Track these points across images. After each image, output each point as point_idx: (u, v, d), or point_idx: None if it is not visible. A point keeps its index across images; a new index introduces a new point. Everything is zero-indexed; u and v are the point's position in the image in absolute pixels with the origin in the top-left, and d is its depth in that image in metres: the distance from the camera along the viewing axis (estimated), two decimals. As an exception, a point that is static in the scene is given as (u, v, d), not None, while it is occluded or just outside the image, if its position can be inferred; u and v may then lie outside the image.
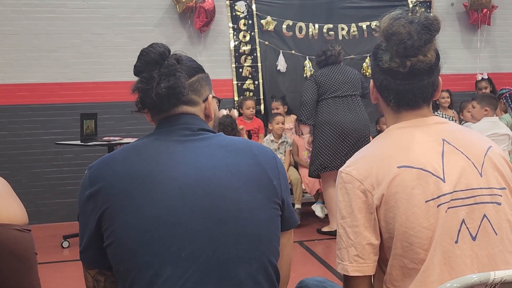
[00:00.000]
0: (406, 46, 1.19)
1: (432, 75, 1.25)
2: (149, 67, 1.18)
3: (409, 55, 1.20)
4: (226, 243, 1.09)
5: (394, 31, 1.20)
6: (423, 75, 1.23)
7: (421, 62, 1.20)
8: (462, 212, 1.15)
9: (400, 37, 1.19)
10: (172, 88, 1.17)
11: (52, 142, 4.94)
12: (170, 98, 1.19)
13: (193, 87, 1.25)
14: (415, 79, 1.23)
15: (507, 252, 1.17)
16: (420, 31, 1.19)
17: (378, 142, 1.30)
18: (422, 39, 1.19)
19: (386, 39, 1.22)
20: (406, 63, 1.20)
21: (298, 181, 4.90)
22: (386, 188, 1.16)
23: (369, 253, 1.19)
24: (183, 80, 1.19)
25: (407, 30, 1.19)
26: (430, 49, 1.22)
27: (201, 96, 1.28)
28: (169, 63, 1.18)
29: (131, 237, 1.07)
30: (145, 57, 1.19)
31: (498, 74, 6.05)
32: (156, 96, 1.16)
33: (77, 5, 5.31)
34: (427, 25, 1.20)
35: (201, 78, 1.29)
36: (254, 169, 1.17)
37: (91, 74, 5.31)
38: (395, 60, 1.21)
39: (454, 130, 1.28)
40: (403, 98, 1.26)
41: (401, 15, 1.22)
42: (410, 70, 1.21)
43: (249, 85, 5.71)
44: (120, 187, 1.10)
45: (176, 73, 1.18)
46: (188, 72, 1.24)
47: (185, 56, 1.27)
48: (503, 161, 1.26)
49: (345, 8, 5.85)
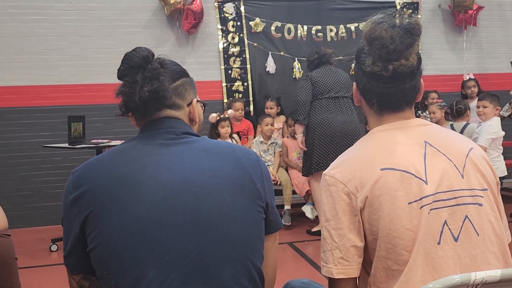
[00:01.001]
0: (388, 50, 1.20)
1: (414, 78, 1.27)
2: (133, 71, 1.18)
3: (392, 59, 1.21)
4: (209, 245, 1.09)
5: (376, 36, 1.21)
6: (405, 79, 1.25)
7: (403, 66, 1.22)
8: (444, 214, 1.16)
9: (382, 41, 1.20)
10: (155, 92, 1.17)
11: (40, 145, 4.90)
12: (154, 102, 1.19)
13: (177, 91, 1.26)
14: (398, 83, 1.25)
15: (489, 253, 1.18)
16: (402, 35, 1.20)
17: (361, 144, 1.31)
18: (404, 43, 1.20)
19: (368, 43, 1.23)
20: (389, 67, 1.21)
21: (287, 182, 4.91)
22: (369, 191, 1.17)
23: (354, 255, 1.20)
24: (167, 84, 1.20)
25: (390, 35, 1.20)
26: (412, 53, 1.23)
27: (185, 100, 1.28)
28: (152, 67, 1.19)
29: (115, 240, 1.06)
30: (129, 61, 1.19)
31: (484, 75, 6.11)
32: (139, 100, 1.17)
33: (64, 7, 5.28)
34: (409, 29, 1.21)
35: (185, 82, 1.29)
36: (237, 172, 1.18)
37: (79, 76, 5.28)
38: (378, 64, 1.23)
39: (436, 132, 1.29)
40: (386, 101, 1.27)
41: (383, 19, 1.23)
42: (392, 74, 1.22)
43: (238, 87, 5.72)
44: (104, 190, 1.10)
45: (159, 77, 1.18)
46: (172, 76, 1.25)
47: (169, 60, 1.28)
48: (485, 162, 1.27)
49: (334, 10, 5.88)
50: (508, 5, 6.35)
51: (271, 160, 5.13)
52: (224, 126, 4.86)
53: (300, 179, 4.91)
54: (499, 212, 1.26)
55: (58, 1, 5.26)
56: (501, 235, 1.21)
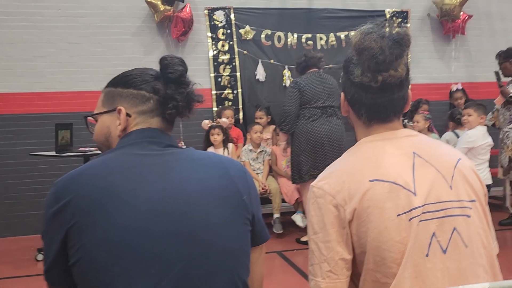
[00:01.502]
0: (377, 61, 1.19)
1: (403, 89, 1.26)
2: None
3: (381, 70, 1.20)
4: (195, 258, 1.07)
5: (366, 46, 1.20)
6: (394, 89, 1.24)
7: (392, 76, 1.21)
8: (432, 225, 1.15)
9: (371, 52, 1.19)
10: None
11: (27, 153, 4.84)
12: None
13: None
14: (387, 93, 1.24)
15: (477, 265, 1.17)
16: (391, 46, 1.19)
17: (349, 155, 1.29)
18: (394, 54, 1.20)
19: (357, 53, 1.22)
20: (378, 77, 1.20)
21: (277, 191, 4.89)
22: (358, 202, 1.16)
23: (342, 268, 1.18)
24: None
25: (379, 45, 1.19)
26: (401, 63, 1.22)
27: None
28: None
29: (99, 252, 1.04)
30: (178, 71, 1.27)
31: (473, 84, 6.16)
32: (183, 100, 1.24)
33: (53, 13, 5.25)
34: (398, 40, 1.20)
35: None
36: (224, 183, 1.16)
37: (67, 83, 5.24)
38: (367, 74, 1.21)
39: (424, 143, 1.28)
40: (375, 112, 1.26)
41: (372, 30, 1.22)
42: (381, 84, 1.21)
43: (228, 95, 5.70)
44: (88, 202, 1.07)
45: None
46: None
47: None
48: (473, 174, 1.27)
49: (324, 18, 5.90)
50: (496, 14, 6.42)
51: (260, 168, 5.12)
52: (214, 134, 4.83)
53: (290, 188, 4.89)
54: (487, 223, 1.25)
55: (46, 8, 5.23)
56: (489, 247, 1.21)
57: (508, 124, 4.90)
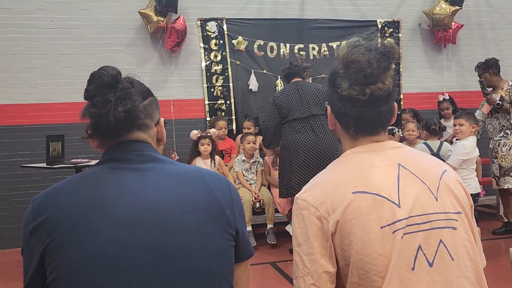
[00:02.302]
0: (365, 74, 1.18)
1: (390, 102, 1.26)
2: (103, 91, 1.13)
3: (369, 83, 1.19)
4: (174, 277, 1.05)
5: (353, 59, 1.19)
6: (381, 102, 1.23)
7: (380, 89, 1.20)
8: (418, 238, 1.13)
9: (359, 65, 1.18)
10: (130, 112, 1.13)
11: (18, 165, 4.82)
12: (127, 123, 1.15)
13: (146, 111, 1.22)
14: (374, 106, 1.23)
15: (464, 278, 1.15)
16: (379, 59, 1.19)
17: (334, 167, 1.28)
18: (381, 67, 1.19)
19: (345, 67, 1.21)
20: (366, 91, 1.20)
21: (270, 201, 4.88)
22: (341, 215, 1.14)
23: (326, 281, 1.16)
24: (139, 104, 1.16)
25: (367, 58, 1.18)
26: (388, 76, 1.22)
27: (153, 119, 1.25)
28: (123, 86, 1.14)
29: (74, 273, 1.02)
30: (98, 80, 1.14)
31: (464, 93, 6.19)
32: (115, 120, 1.12)
33: (45, 25, 5.25)
34: (385, 53, 1.20)
35: (152, 101, 1.25)
36: (205, 198, 1.14)
37: (59, 95, 5.23)
38: (355, 88, 1.21)
39: (410, 155, 1.27)
40: (362, 125, 1.25)
41: (359, 43, 1.22)
42: (369, 97, 1.21)
43: (221, 105, 5.70)
44: (64, 219, 1.05)
45: (132, 97, 1.14)
46: (142, 95, 1.21)
47: (135, 79, 1.23)
48: (458, 185, 1.26)
49: (316, 29, 5.93)
50: (487, 23, 6.47)
51: (253, 178, 5.10)
52: (204, 144, 4.80)
53: (283, 198, 4.87)
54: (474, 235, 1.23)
55: (38, 20, 5.23)
56: (475, 259, 1.19)
57: (499, 133, 4.95)
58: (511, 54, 6.44)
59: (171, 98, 5.51)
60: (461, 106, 5.67)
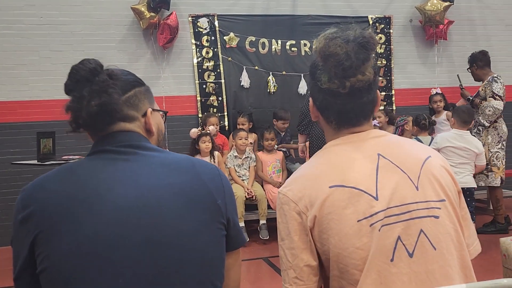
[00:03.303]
0: (344, 67, 1.16)
1: (371, 92, 1.23)
2: (80, 85, 1.13)
3: (348, 75, 1.17)
4: (166, 267, 1.04)
5: (331, 52, 1.16)
6: (362, 93, 1.21)
7: (360, 81, 1.18)
8: (397, 229, 1.12)
9: (337, 58, 1.16)
10: (104, 105, 1.12)
11: (9, 162, 4.79)
12: (103, 116, 1.14)
13: (130, 102, 1.20)
14: (355, 98, 1.21)
15: (448, 267, 1.14)
16: (357, 51, 1.16)
17: (314, 160, 1.27)
18: (360, 58, 1.16)
19: (323, 60, 1.19)
20: (346, 83, 1.17)
21: (262, 197, 4.88)
22: (318, 210, 1.14)
23: (308, 274, 1.16)
24: (116, 96, 1.14)
25: (344, 51, 1.15)
26: (368, 67, 1.18)
27: (139, 110, 1.23)
28: (100, 80, 1.13)
29: (65, 263, 1.01)
30: (75, 74, 1.13)
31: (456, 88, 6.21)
32: (88, 115, 1.11)
33: (35, 21, 5.21)
34: (363, 44, 1.17)
35: (139, 92, 1.23)
36: (196, 188, 1.13)
37: (50, 92, 5.19)
38: (334, 81, 1.18)
39: (391, 143, 1.25)
40: (344, 118, 1.24)
41: (337, 34, 1.18)
42: (349, 90, 1.18)
43: (213, 101, 5.69)
44: (53, 210, 1.04)
45: (108, 90, 1.12)
46: (123, 87, 1.19)
47: (119, 70, 1.22)
48: (444, 171, 1.23)
49: (307, 25, 5.93)
50: (478, 19, 6.50)
51: (246, 174, 5.10)
52: (205, 141, 4.83)
53: (275, 194, 4.88)
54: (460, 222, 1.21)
55: (28, 16, 5.19)
56: (460, 247, 1.17)
57: (473, 129, 4.87)
58: (501, 50, 6.48)
59: (163, 94, 5.50)
60: (452, 101, 5.69)
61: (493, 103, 4.67)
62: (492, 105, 4.68)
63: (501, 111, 4.72)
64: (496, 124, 4.80)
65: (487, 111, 4.71)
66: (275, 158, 5.19)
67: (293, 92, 5.87)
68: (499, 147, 4.80)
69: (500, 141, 4.81)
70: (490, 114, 4.70)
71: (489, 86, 4.75)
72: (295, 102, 5.78)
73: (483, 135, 4.81)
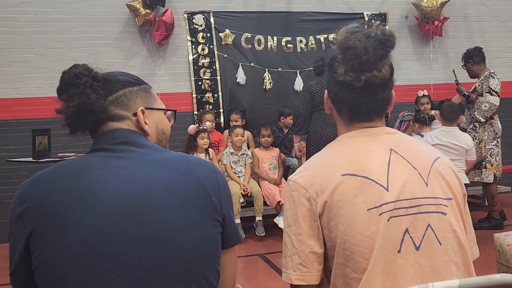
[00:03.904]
0: (361, 61, 1.19)
1: (386, 90, 1.26)
2: (66, 89, 1.19)
3: (364, 70, 1.20)
4: (160, 264, 1.05)
5: (350, 45, 1.20)
6: (377, 90, 1.24)
7: (375, 77, 1.21)
8: (405, 222, 1.14)
9: (356, 51, 1.19)
10: (82, 106, 1.16)
11: (4, 160, 4.78)
12: (85, 116, 1.18)
13: (118, 102, 1.23)
14: (369, 94, 1.24)
15: (451, 263, 1.17)
16: (376, 47, 1.19)
17: (327, 150, 1.30)
18: (378, 54, 1.19)
19: (342, 52, 1.22)
20: (361, 77, 1.20)
21: (258, 194, 4.89)
22: (329, 196, 1.16)
23: (313, 262, 1.18)
24: (95, 97, 1.18)
25: (364, 45, 1.19)
26: (385, 64, 1.22)
27: (129, 109, 1.24)
28: (81, 82, 1.18)
29: (59, 259, 1.02)
30: (62, 79, 1.20)
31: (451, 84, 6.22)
32: (68, 116, 1.17)
33: (29, 18, 5.19)
34: (383, 41, 1.20)
35: (130, 91, 1.25)
36: (191, 185, 1.14)
37: (45, 89, 5.17)
38: (350, 74, 1.21)
39: (403, 140, 1.28)
40: (357, 112, 1.27)
41: (358, 29, 1.22)
42: (364, 84, 1.21)
43: (209, 98, 5.69)
44: (48, 206, 1.05)
45: (86, 91, 1.17)
46: (111, 87, 1.22)
47: (111, 73, 1.26)
48: (451, 172, 1.26)
49: (303, 21, 5.93)
50: (473, 16, 6.52)
51: (242, 171, 5.11)
52: (204, 138, 4.87)
53: (271, 190, 4.90)
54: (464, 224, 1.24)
55: (23, 13, 5.17)
56: (465, 245, 1.20)
57: (469, 125, 4.92)
58: (496, 46, 6.50)
59: (159, 91, 5.48)
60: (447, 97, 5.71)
61: (490, 99, 4.70)
62: (488, 100, 4.70)
63: (497, 107, 4.74)
64: (492, 120, 4.83)
65: (483, 107, 4.73)
66: (271, 155, 5.20)
67: (289, 89, 5.87)
68: (494, 143, 4.83)
69: (495, 138, 4.84)
70: (486, 109, 4.72)
71: (486, 82, 4.77)
72: (291, 99, 5.79)
73: (480, 132, 4.83)
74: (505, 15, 6.63)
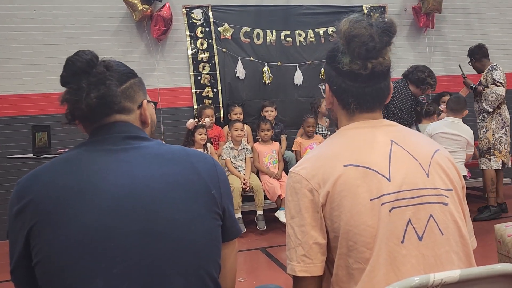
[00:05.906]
0: (368, 47, 1.20)
1: (387, 78, 1.29)
2: (77, 77, 1.12)
3: (371, 57, 1.21)
4: (161, 257, 1.05)
5: (356, 33, 1.21)
6: (380, 78, 1.26)
7: (381, 64, 1.23)
8: (408, 212, 1.15)
9: (362, 39, 1.20)
10: (103, 97, 1.12)
11: (4, 156, 4.77)
12: (102, 108, 1.14)
13: (126, 94, 1.20)
14: (374, 82, 1.26)
15: (453, 253, 1.18)
16: (380, 34, 1.21)
17: (329, 142, 1.31)
18: (383, 41, 1.22)
19: (347, 41, 1.23)
20: (368, 65, 1.22)
21: (259, 188, 4.89)
22: (331, 186, 1.17)
23: (316, 253, 1.19)
24: (114, 88, 1.14)
25: (369, 32, 1.20)
26: (388, 51, 1.25)
27: (135, 102, 1.23)
28: (97, 71, 1.13)
29: (59, 254, 1.02)
30: (71, 66, 1.13)
31: (450, 77, 6.23)
32: (87, 107, 1.11)
33: (28, 14, 5.17)
34: (386, 28, 1.23)
35: (134, 83, 1.24)
36: (191, 178, 1.14)
37: (44, 85, 5.16)
38: (356, 62, 1.22)
39: (403, 133, 1.30)
40: (362, 101, 1.27)
41: (361, 18, 1.23)
42: (370, 72, 1.23)
43: (208, 93, 5.68)
44: (48, 201, 1.05)
45: (106, 82, 1.12)
46: (119, 78, 1.19)
47: (114, 62, 1.22)
48: (450, 165, 1.28)
49: (302, 15, 5.91)
50: (472, 8, 6.49)
51: (242, 165, 5.11)
52: (202, 133, 4.87)
53: (272, 185, 4.90)
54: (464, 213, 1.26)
55: (21, 9, 5.15)
56: (465, 236, 1.21)
57: (478, 116, 5.08)
58: (496, 38, 6.48)
59: (158, 86, 5.48)
60: (446, 90, 5.71)
61: (495, 89, 4.86)
62: (494, 91, 4.86)
63: (503, 97, 4.90)
64: (500, 110, 4.98)
65: (490, 97, 4.88)
66: (272, 149, 5.20)
67: (288, 83, 5.86)
68: (503, 132, 4.99)
69: (503, 127, 5.00)
70: (493, 100, 4.88)
71: (490, 74, 4.93)
72: (290, 93, 5.78)
73: (488, 121, 4.99)
74: (505, 6, 6.60)
